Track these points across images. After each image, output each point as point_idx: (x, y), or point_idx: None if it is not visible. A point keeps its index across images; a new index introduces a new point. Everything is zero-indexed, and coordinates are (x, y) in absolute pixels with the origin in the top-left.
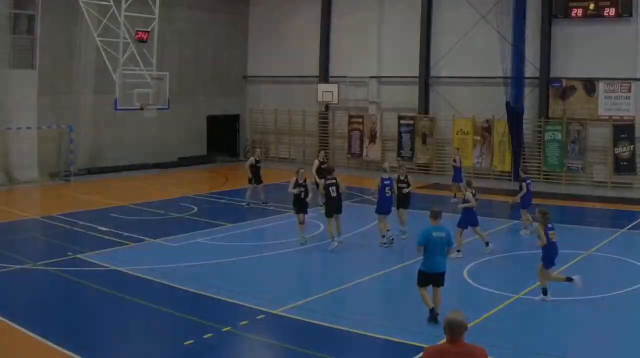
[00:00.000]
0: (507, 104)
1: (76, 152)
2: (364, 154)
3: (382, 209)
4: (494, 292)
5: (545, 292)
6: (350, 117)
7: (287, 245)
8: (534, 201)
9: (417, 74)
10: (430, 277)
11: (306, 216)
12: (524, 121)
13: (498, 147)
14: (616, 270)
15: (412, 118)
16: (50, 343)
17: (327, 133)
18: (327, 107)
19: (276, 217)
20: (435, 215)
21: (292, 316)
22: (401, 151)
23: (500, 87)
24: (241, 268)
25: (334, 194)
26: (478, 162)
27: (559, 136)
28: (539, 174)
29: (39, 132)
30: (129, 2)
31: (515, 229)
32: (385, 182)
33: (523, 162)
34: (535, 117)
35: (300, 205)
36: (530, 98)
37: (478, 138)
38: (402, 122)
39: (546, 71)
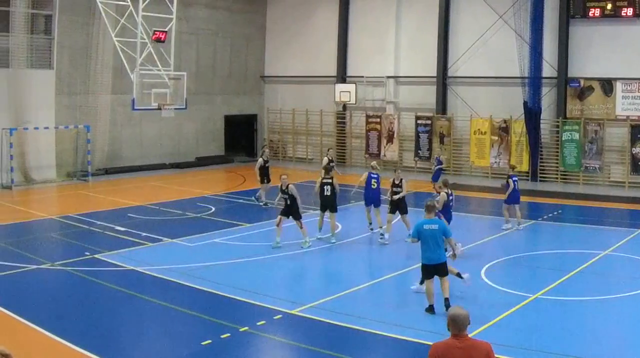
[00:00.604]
0: (525, 103)
1: (93, 152)
2: (382, 154)
3: (367, 200)
4: (512, 292)
5: (422, 282)
6: (368, 117)
7: (301, 245)
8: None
9: (434, 74)
10: (431, 268)
11: (286, 219)
12: (541, 121)
13: (516, 147)
14: (634, 270)
15: (429, 118)
16: (67, 343)
17: (344, 133)
18: (344, 107)
19: None
20: (429, 209)
21: (310, 316)
22: (419, 151)
23: (517, 87)
24: (258, 268)
25: (327, 193)
26: (495, 162)
27: (576, 136)
28: (557, 174)
29: (57, 132)
30: (146, 1)
31: (533, 229)
32: (372, 175)
33: (541, 162)
34: (552, 117)
35: (285, 211)
36: (547, 98)
37: (495, 138)
38: (419, 122)
39: (564, 71)
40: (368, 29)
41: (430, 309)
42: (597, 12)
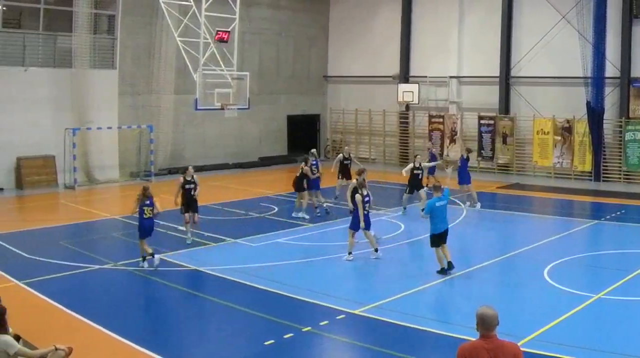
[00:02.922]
0: (588, 103)
1: (156, 152)
2: (445, 154)
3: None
4: (575, 292)
5: (144, 259)
6: (431, 117)
7: (367, 244)
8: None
9: (497, 74)
10: (439, 236)
11: (196, 216)
12: (604, 121)
13: (579, 147)
14: None
15: (492, 118)
16: (130, 343)
17: (407, 133)
18: (407, 107)
19: None
20: (437, 189)
21: (373, 316)
22: (482, 151)
23: (580, 87)
24: (321, 269)
25: (298, 175)
26: (558, 162)
27: (639, 136)
28: (620, 174)
29: (120, 132)
30: (209, 2)
31: (595, 230)
32: (312, 163)
33: (604, 162)
34: (615, 117)
35: (189, 204)
36: (610, 98)
37: (558, 138)
38: (482, 122)
39: (627, 71)
40: (430, 29)
41: (442, 271)
42: None
